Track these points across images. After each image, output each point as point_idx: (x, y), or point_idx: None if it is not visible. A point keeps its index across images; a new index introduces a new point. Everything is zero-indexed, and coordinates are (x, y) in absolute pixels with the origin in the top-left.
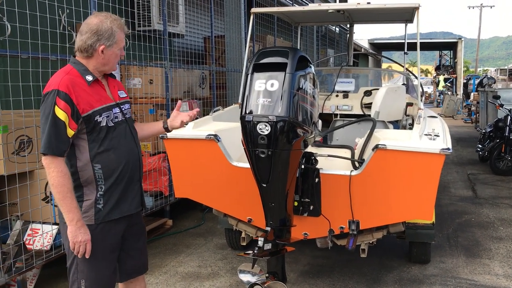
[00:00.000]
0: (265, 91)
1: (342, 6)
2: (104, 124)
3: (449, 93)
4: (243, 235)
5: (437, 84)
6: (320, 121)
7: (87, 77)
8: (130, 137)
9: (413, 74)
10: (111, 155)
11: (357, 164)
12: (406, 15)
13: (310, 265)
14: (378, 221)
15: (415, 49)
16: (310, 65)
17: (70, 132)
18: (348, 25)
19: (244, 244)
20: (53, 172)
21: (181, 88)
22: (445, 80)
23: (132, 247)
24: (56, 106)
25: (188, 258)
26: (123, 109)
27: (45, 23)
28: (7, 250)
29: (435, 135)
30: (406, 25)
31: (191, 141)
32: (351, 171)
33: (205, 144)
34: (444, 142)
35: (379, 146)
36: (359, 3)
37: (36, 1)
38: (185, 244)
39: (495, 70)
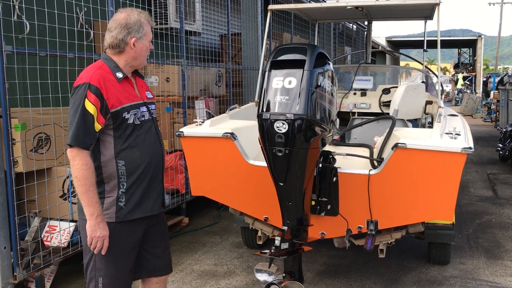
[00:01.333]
0: (282, 89)
1: (361, 2)
2: (131, 121)
3: (468, 91)
4: (259, 234)
5: (456, 82)
6: (338, 119)
7: (117, 74)
8: (155, 137)
9: (432, 72)
10: (136, 152)
11: (376, 163)
12: (426, 12)
13: (327, 265)
14: (397, 221)
15: (434, 47)
16: (329, 62)
17: (98, 127)
18: (366, 22)
19: (260, 243)
20: (78, 165)
21: (198, 86)
22: (464, 78)
23: (155, 246)
24: (86, 99)
25: (204, 256)
26: (150, 109)
27: (63, 21)
28: (25, 247)
29: (456, 134)
30: (425, 22)
31: (207, 139)
32: (370, 170)
33: (221, 142)
34: (465, 141)
35: (399, 145)
36: (378, 0)
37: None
38: (201, 242)
39: None
